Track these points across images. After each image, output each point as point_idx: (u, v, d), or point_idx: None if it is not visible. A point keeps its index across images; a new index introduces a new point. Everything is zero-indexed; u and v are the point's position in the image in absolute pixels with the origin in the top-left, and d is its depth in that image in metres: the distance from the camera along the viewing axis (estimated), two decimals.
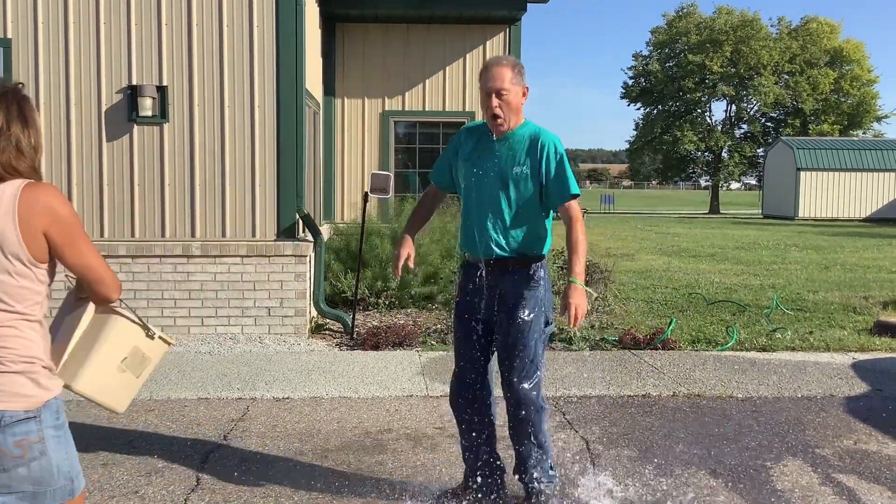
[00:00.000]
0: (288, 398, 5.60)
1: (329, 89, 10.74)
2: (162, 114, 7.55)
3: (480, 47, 10.87)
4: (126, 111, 7.52)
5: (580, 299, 3.48)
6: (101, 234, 7.56)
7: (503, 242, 3.63)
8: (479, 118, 10.72)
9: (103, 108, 7.52)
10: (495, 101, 3.58)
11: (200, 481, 4.08)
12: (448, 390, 5.47)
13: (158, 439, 4.71)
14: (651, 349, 7.25)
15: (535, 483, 3.71)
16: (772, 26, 54.89)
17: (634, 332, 7.68)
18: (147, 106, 7.46)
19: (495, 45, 10.87)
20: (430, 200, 4.05)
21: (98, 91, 7.52)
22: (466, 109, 10.88)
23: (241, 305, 7.61)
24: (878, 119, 54.50)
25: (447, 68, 10.88)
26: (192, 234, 7.62)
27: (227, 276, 7.58)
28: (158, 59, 7.53)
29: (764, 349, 7.34)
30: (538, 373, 3.65)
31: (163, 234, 7.61)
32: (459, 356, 3.84)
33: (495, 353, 3.76)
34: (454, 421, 5.05)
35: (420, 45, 10.88)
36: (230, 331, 7.60)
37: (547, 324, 3.70)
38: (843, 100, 53.10)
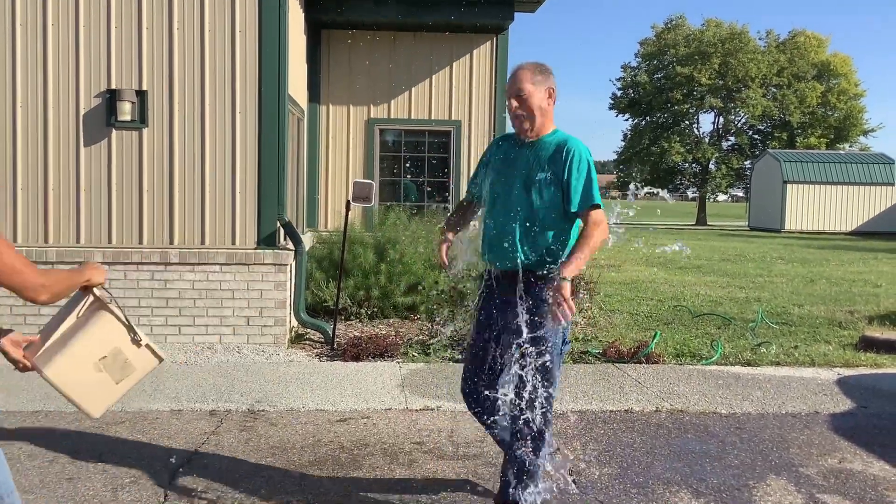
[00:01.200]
0: (263, 411, 5.47)
1: (314, 96, 10.63)
2: (141, 119, 7.43)
3: (467, 56, 10.80)
4: (105, 116, 7.40)
5: (565, 293, 3.28)
6: (78, 241, 7.43)
7: (527, 252, 3.55)
8: (466, 127, 10.73)
9: (81, 113, 7.39)
10: (514, 103, 3.59)
11: (168, 497, 3.95)
12: (428, 403, 5.42)
13: (127, 453, 4.58)
14: (635, 363, 7.17)
15: (512, 499, 3.60)
16: (760, 39, 55.23)
17: (618, 345, 7.59)
18: (126, 110, 7.34)
19: (482, 54, 10.80)
20: (464, 209, 4.06)
21: (76, 95, 7.39)
22: (452, 118, 10.80)
23: (220, 314, 7.48)
24: (865, 133, 54.85)
25: (433, 77, 10.80)
26: (171, 242, 7.50)
27: (205, 285, 7.45)
28: (138, 63, 7.42)
29: (748, 364, 7.26)
30: (551, 390, 3.54)
31: (140, 241, 7.48)
32: (472, 361, 3.80)
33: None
34: (433, 435, 4.97)
35: (406, 53, 10.79)
36: (208, 340, 7.47)
37: (565, 342, 3.64)
38: (830, 113, 53.42)
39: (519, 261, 3.54)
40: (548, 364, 3.51)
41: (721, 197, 70.20)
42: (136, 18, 7.37)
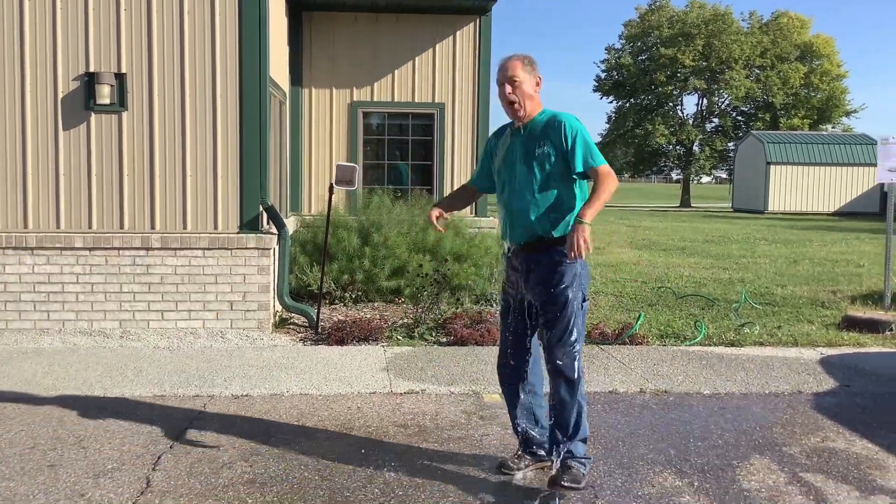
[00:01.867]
0: (247, 395, 5.45)
1: (296, 79, 10.55)
2: (120, 102, 7.34)
3: (450, 38, 10.73)
4: (83, 99, 7.30)
5: (584, 234, 3.62)
6: (58, 226, 7.35)
7: (539, 224, 3.90)
8: (450, 110, 10.68)
9: (60, 96, 7.29)
10: (509, 88, 3.92)
11: (151, 483, 3.92)
12: (412, 387, 5.42)
13: (109, 439, 4.54)
14: (619, 344, 7.18)
15: (566, 453, 3.87)
16: (743, 20, 55.29)
17: (603, 326, 7.61)
18: (105, 94, 7.25)
19: (465, 36, 10.74)
20: (463, 190, 4.52)
21: (54, 78, 7.29)
22: (436, 101, 10.74)
23: (203, 299, 7.43)
24: (848, 114, 55.10)
25: (416, 59, 10.73)
26: (152, 226, 7.43)
27: (187, 270, 7.39)
28: (117, 45, 7.32)
29: (732, 344, 7.29)
30: (577, 346, 3.89)
31: (121, 226, 7.41)
32: (505, 329, 4.13)
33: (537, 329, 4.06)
34: (417, 419, 4.96)
35: (389, 35, 10.71)
36: (191, 325, 7.42)
37: (584, 300, 3.96)
38: (813, 94, 53.60)
39: (536, 231, 3.90)
40: (571, 320, 3.86)
41: (705, 179, 70.47)
42: (115, 0, 7.26)
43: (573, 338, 3.87)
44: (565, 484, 3.75)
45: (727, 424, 4.97)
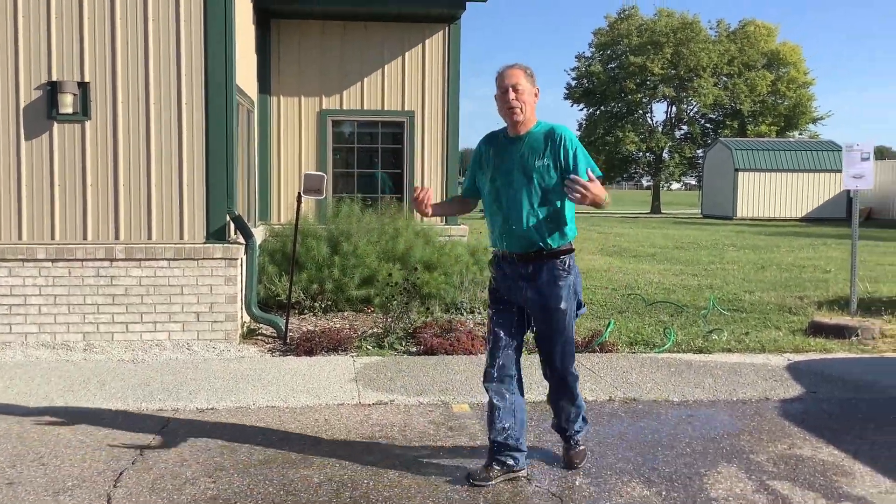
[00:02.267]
0: (212, 409, 5.37)
1: (264, 87, 10.48)
2: (84, 111, 7.23)
3: (420, 45, 10.72)
4: (45, 108, 7.19)
5: (597, 187, 3.80)
6: (20, 237, 7.22)
7: (538, 235, 3.99)
8: (419, 117, 10.66)
9: (21, 105, 7.17)
10: (512, 95, 3.96)
11: (111, 501, 3.85)
12: (381, 398, 5.37)
13: (70, 455, 4.45)
14: (589, 352, 7.18)
15: (575, 434, 4.36)
16: (711, 29, 55.73)
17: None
18: (68, 103, 7.14)
19: (435, 44, 10.73)
20: (458, 203, 4.62)
21: (16, 87, 7.17)
22: (406, 109, 10.72)
23: (168, 311, 7.33)
24: (814, 121, 55.73)
25: (386, 67, 10.71)
26: (116, 237, 7.32)
27: (152, 280, 7.29)
28: (80, 53, 7.21)
29: (700, 351, 7.32)
30: (573, 350, 4.21)
31: (85, 237, 7.29)
32: (496, 335, 4.18)
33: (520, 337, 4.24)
34: (385, 430, 4.92)
35: (358, 43, 10.68)
36: (156, 337, 7.31)
37: (579, 306, 4.19)
38: (779, 101, 54.20)
39: (535, 242, 4.00)
40: (568, 330, 4.11)
41: (675, 185, 71.01)
42: (78, 8, 7.16)
43: (569, 344, 4.15)
44: (578, 464, 4.32)
45: (695, 432, 4.98)
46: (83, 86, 7.22)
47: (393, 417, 5.21)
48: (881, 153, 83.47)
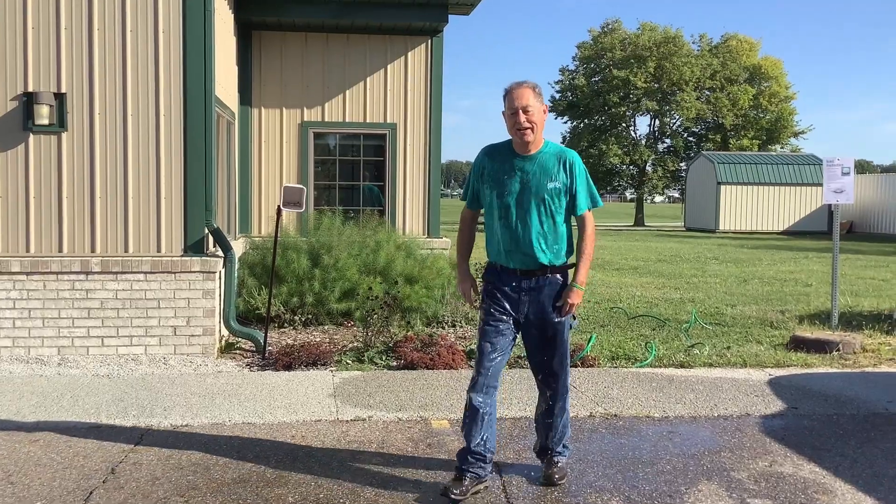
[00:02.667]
0: (187, 425, 5.27)
1: (245, 99, 10.41)
2: (60, 122, 7.14)
3: (402, 58, 10.69)
4: (21, 119, 7.09)
5: (577, 299, 4.16)
6: None
7: (545, 254, 4.10)
8: (402, 130, 10.62)
9: None
10: (523, 117, 3.99)
11: None
12: (360, 414, 5.29)
13: (39, 474, 4.34)
14: (571, 367, 7.11)
15: (559, 456, 4.36)
16: (693, 43, 56.21)
17: None
18: (44, 114, 7.05)
19: (417, 57, 10.70)
20: (470, 223, 4.43)
21: None
22: (388, 121, 10.68)
23: (145, 324, 7.23)
24: (796, 135, 56.21)
25: (368, 79, 10.67)
26: (93, 249, 7.22)
27: (129, 294, 7.19)
28: (57, 64, 7.13)
29: (682, 365, 7.29)
30: (568, 363, 4.35)
31: (60, 249, 7.19)
32: (490, 344, 4.16)
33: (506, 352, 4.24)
34: (362, 447, 4.84)
35: (340, 55, 10.64)
36: (132, 351, 7.21)
37: (574, 318, 4.35)
38: (761, 115, 54.62)
39: (541, 260, 4.09)
40: (566, 343, 4.26)
41: (658, 198, 71.34)
42: (55, 18, 7.08)
43: (566, 357, 4.28)
44: (558, 481, 4.26)
45: (676, 449, 4.93)
46: (60, 97, 7.14)
47: (371, 434, 5.14)
48: (862, 167, 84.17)
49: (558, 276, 4.15)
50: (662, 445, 5.00)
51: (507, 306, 4.16)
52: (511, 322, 4.18)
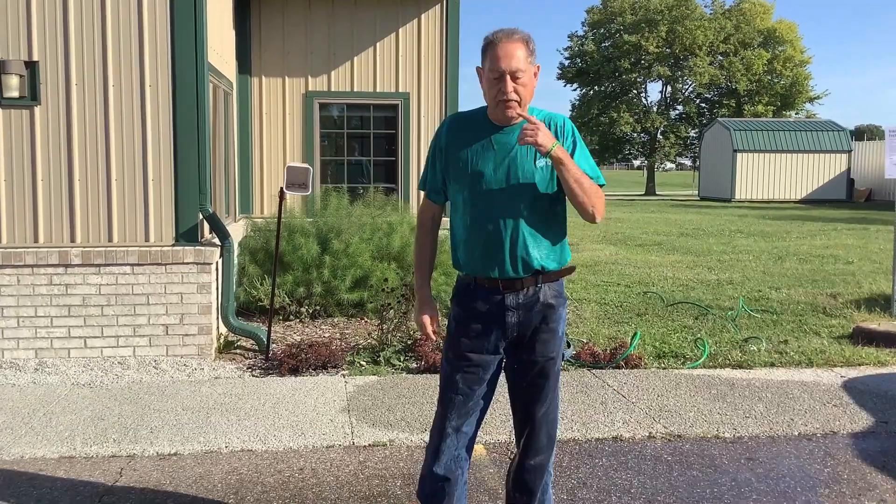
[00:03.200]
0: (176, 454, 4.46)
1: (244, 67, 9.51)
2: (32, 95, 6.27)
3: (415, 21, 9.75)
4: None
5: (543, 139, 2.84)
6: None
7: (532, 255, 3.00)
8: (415, 100, 9.72)
9: None
10: (510, 85, 2.90)
11: None
12: (378, 436, 4.49)
13: None
14: (613, 368, 6.30)
15: None
16: (706, 6, 54.77)
17: (593, 346, 6.72)
18: (13, 85, 6.18)
19: (431, 20, 9.77)
20: (432, 225, 3.29)
21: None
22: (399, 90, 9.77)
23: (133, 323, 6.41)
24: (811, 100, 54.95)
25: (378, 45, 9.74)
26: (72, 239, 6.38)
27: (114, 289, 6.36)
28: (27, 29, 6.24)
29: (740, 365, 6.44)
30: (557, 419, 3.26)
31: (35, 240, 6.35)
32: (463, 397, 3.09)
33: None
34: (385, 483, 4.03)
35: (347, 19, 9.70)
36: (119, 353, 6.40)
37: (569, 345, 3.40)
38: (776, 80, 53.31)
39: (530, 262, 3.00)
40: (556, 375, 3.16)
41: (668, 165, 70.21)
42: None
43: (555, 406, 3.21)
44: None
45: (761, 485, 4.10)
46: (31, 65, 6.26)
47: (394, 465, 4.32)
48: (873, 133, 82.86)
49: (553, 285, 3.07)
50: (743, 478, 4.17)
51: (488, 339, 3.05)
52: (492, 359, 3.09)
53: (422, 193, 3.28)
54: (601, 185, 3.04)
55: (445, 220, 3.29)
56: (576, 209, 2.98)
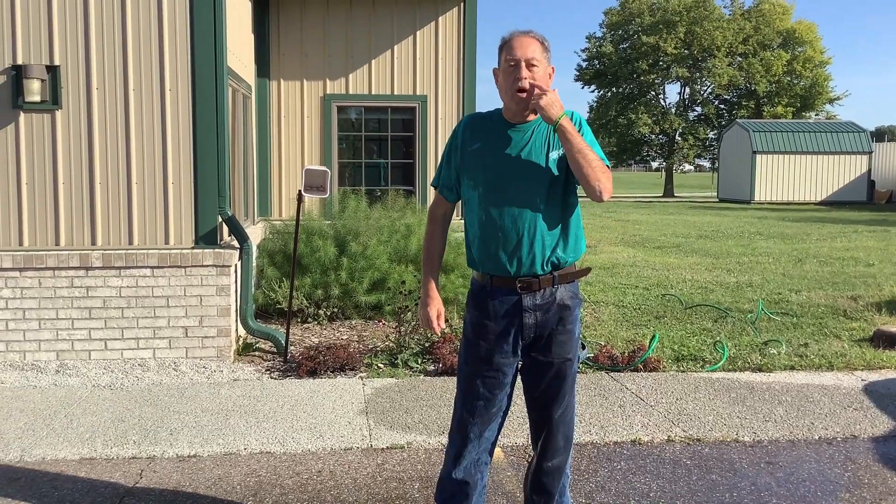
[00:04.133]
0: (195, 456, 4.49)
1: (263, 71, 9.56)
2: (53, 99, 6.33)
3: (432, 24, 9.77)
4: (10, 96, 6.28)
5: (549, 105, 2.91)
6: None
7: (547, 248, 3.02)
8: (432, 102, 9.73)
9: None
10: (525, 72, 2.96)
11: None
12: (396, 439, 4.51)
13: None
14: (631, 370, 6.28)
15: None
16: (725, 7, 54.54)
17: (611, 348, 6.70)
18: (35, 89, 6.23)
19: (448, 22, 9.79)
20: (442, 219, 3.31)
21: None
22: (417, 93, 9.79)
23: (153, 325, 6.46)
24: (831, 101, 54.51)
25: (396, 47, 9.77)
26: (93, 242, 6.44)
27: (134, 291, 6.41)
28: (49, 33, 6.30)
29: (760, 369, 6.40)
30: (574, 422, 3.25)
31: (57, 242, 6.41)
32: (483, 402, 3.10)
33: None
34: (403, 486, 4.04)
35: (365, 22, 9.74)
36: (139, 356, 6.44)
37: (583, 346, 3.34)
38: (796, 81, 52.94)
39: (547, 258, 3.02)
40: (573, 377, 3.17)
41: (686, 167, 69.91)
42: None
43: (571, 409, 3.21)
44: None
45: (782, 489, 4.08)
46: (52, 70, 6.32)
47: (412, 467, 4.33)
48: (894, 134, 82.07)
49: (570, 284, 3.08)
50: (764, 484, 4.14)
51: (507, 342, 3.05)
52: (511, 361, 3.10)
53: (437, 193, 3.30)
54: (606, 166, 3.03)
55: (459, 223, 3.30)
56: (582, 186, 2.99)
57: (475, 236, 3.09)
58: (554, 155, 3.00)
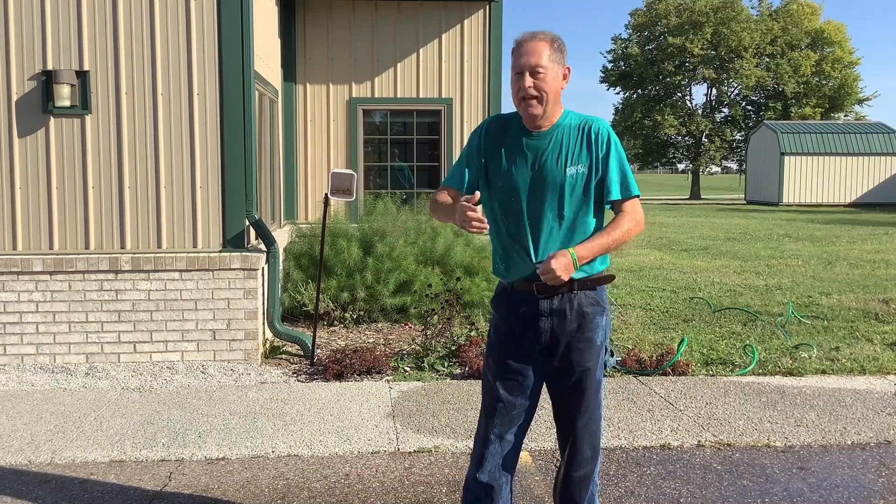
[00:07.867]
0: (223, 458, 4.50)
1: (289, 75, 9.60)
2: (83, 104, 6.40)
3: (458, 26, 9.77)
4: (41, 101, 6.36)
5: (560, 269, 2.79)
6: (14, 247, 6.41)
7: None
8: (458, 105, 9.72)
9: (13, 98, 6.35)
10: (529, 81, 2.88)
11: None
12: (424, 442, 4.49)
13: None
14: (660, 374, 6.22)
15: None
16: (752, 8, 54.16)
17: (639, 352, 6.65)
18: (65, 94, 6.30)
19: (474, 25, 9.78)
20: (447, 198, 3.13)
21: (7, 77, 6.34)
22: (443, 96, 9.79)
23: (181, 328, 6.49)
24: (860, 102, 53.94)
25: (421, 50, 9.77)
26: (122, 246, 6.49)
27: (163, 294, 6.46)
28: (78, 39, 6.37)
29: (790, 373, 6.32)
30: (600, 433, 3.19)
31: (87, 246, 6.47)
32: (503, 405, 3.04)
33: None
34: (430, 490, 4.02)
35: (390, 25, 9.75)
36: (168, 358, 6.48)
37: (610, 353, 3.19)
38: (824, 82, 52.43)
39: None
40: (599, 383, 3.10)
41: (713, 169, 69.40)
42: None
43: (599, 406, 3.14)
44: None
45: (814, 494, 4.02)
46: (82, 75, 6.38)
47: (439, 471, 4.32)
48: None
49: (591, 293, 3.00)
50: (795, 489, 4.08)
51: (523, 345, 3.01)
52: (528, 365, 3.03)
53: None
54: (634, 196, 2.99)
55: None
56: None
57: (498, 245, 3.08)
58: (572, 171, 2.93)
